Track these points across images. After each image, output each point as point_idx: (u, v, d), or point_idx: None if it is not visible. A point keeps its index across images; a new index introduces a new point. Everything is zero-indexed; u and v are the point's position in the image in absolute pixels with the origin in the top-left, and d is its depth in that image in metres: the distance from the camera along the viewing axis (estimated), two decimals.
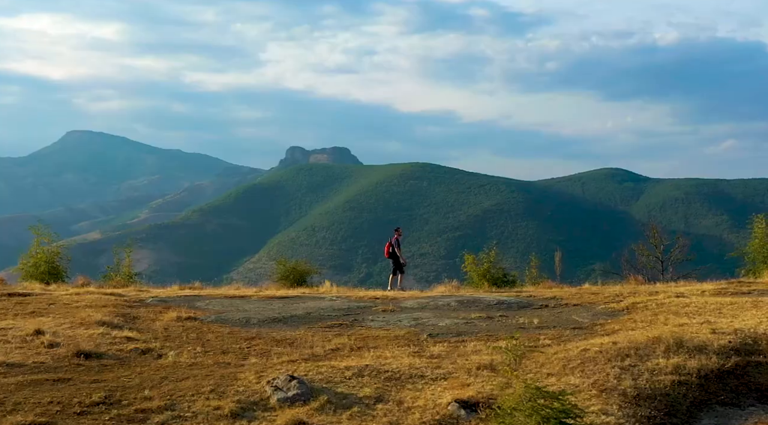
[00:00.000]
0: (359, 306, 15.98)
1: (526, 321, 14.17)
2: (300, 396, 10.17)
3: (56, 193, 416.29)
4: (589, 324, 13.84)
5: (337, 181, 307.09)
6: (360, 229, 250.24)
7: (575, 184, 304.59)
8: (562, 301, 16.27)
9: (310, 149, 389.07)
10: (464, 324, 14.12)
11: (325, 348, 12.48)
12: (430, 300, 16.45)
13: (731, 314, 13.47)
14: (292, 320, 14.61)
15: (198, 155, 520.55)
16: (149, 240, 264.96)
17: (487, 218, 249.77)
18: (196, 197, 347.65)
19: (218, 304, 16.28)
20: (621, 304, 15.31)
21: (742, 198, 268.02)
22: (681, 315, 13.63)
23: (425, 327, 13.87)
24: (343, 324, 14.20)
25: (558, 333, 13.31)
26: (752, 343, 11.68)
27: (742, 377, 10.89)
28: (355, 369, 11.11)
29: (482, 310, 15.36)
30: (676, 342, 11.50)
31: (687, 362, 10.90)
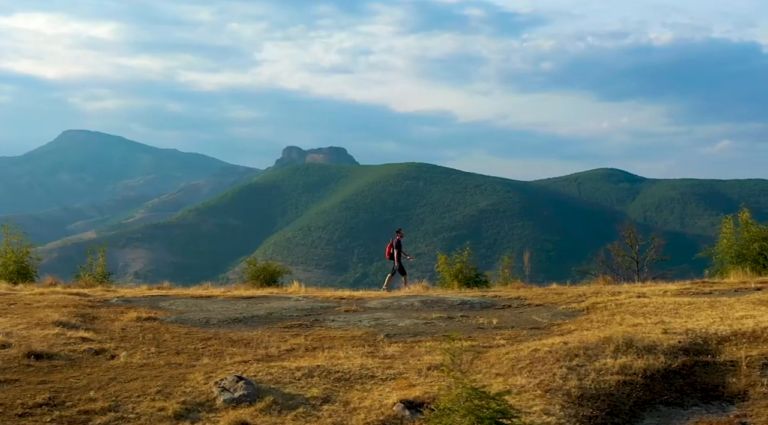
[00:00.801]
0: (323, 306, 16.01)
1: (485, 322, 14.20)
2: (246, 397, 10.19)
3: (52, 192, 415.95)
4: (547, 324, 13.88)
5: (334, 181, 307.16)
6: (356, 229, 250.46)
7: (571, 184, 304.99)
8: (525, 301, 16.31)
9: (307, 149, 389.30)
10: (423, 325, 14.15)
11: (280, 349, 12.50)
12: (394, 300, 16.49)
13: (687, 314, 13.51)
14: (253, 320, 14.64)
15: (194, 154, 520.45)
16: (145, 240, 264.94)
17: (484, 218, 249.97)
18: (192, 197, 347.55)
19: (182, 304, 16.30)
20: (582, 304, 15.35)
21: (737, 199, 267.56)
22: (637, 315, 13.67)
23: (384, 328, 13.90)
24: (303, 325, 14.23)
25: (515, 333, 13.35)
26: (702, 343, 11.71)
27: (689, 377, 10.92)
28: (306, 369, 11.13)
29: (444, 310, 15.40)
30: (626, 342, 11.54)
31: (634, 362, 10.93)
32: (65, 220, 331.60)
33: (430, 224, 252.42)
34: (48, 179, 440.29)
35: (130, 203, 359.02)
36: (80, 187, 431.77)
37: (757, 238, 21.92)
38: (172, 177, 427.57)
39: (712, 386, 10.74)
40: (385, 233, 65.51)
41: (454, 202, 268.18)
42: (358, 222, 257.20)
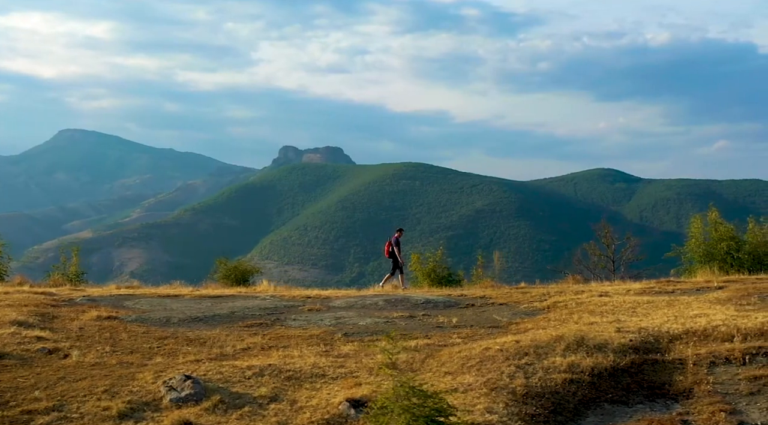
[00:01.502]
0: (287, 305, 16.03)
1: (446, 320, 14.24)
2: (193, 396, 10.22)
3: (48, 192, 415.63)
4: (506, 323, 13.92)
5: (330, 180, 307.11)
6: (352, 228, 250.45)
7: (568, 184, 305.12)
8: (489, 300, 16.34)
9: (303, 149, 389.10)
10: (384, 323, 14.18)
11: (235, 348, 12.52)
12: (358, 299, 16.51)
13: (643, 313, 13.55)
14: (214, 319, 14.65)
15: (191, 154, 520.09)
16: (141, 239, 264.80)
17: (480, 218, 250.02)
18: (188, 197, 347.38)
19: (147, 303, 16.31)
20: (543, 303, 15.39)
21: (733, 199, 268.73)
22: (595, 314, 13.71)
23: (344, 327, 13.93)
24: (264, 324, 14.25)
25: (472, 332, 13.38)
26: (653, 342, 11.75)
27: (637, 375, 10.96)
28: (257, 368, 11.16)
29: (407, 309, 15.43)
30: (577, 341, 11.58)
31: (583, 360, 10.97)
32: (61, 219, 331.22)
33: (426, 224, 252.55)
34: (44, 179, 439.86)
35: (126, 203, 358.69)
36: (76, 186, 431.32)
37: (724, 237, 21.95)
38: (168, 177, 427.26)
39: (659, 384, 10.78)
40: (382, 232, 65.04)
41: (450, 202, 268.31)
42: (354, 222, 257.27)
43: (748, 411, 9.86)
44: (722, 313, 12.66)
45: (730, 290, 15.08)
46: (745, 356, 10.98)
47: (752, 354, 11.03)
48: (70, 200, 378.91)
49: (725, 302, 13.91)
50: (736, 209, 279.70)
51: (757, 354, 11.01)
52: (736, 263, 21.26)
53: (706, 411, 9.88)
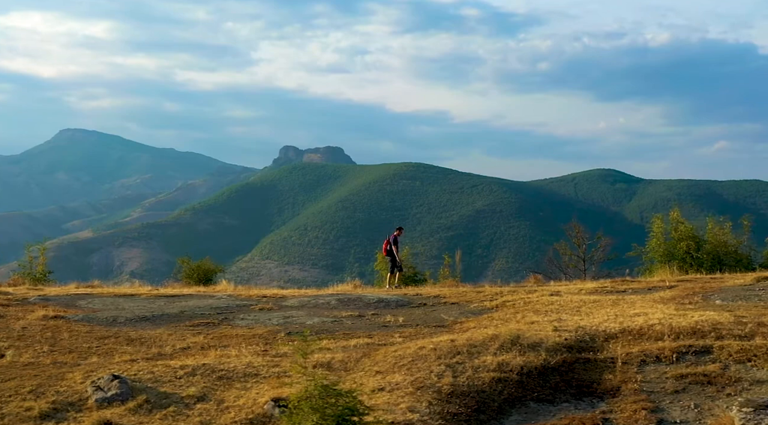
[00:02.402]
0: (240, 305, 16.05)
1: (392, 320, 14.26)
2: (119, 396, 10.21)
3: (49, 191, 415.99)
4: (451, 322, 13.93)
5: (330, 180, 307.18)
6: (353, 228, 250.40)
7: (568, 185, 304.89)
8: (443, 300, 16.35)
9: (304, 149, 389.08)
10: (330, 323, 14.19)
11: (175, 347, 12.53)
12: (312, 299, 16.53)
13: (587, 312, 13.55)
14: (162, 318, 14.67)
15: (191, 153, 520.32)
16: (141, 239, 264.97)
17: (480, 218, 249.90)
18: (188, 196, 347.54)
19: (100, 303, 16.32)
20: (493, 303, 15.41)
21: (733, 199, 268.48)
22: (540, 313, 13.71)
23: (290, 326, 13.95)
24: (211, 323, 14.26)
25: (416, 331, 13.39)
26: (589, 340, 11.76)
27: (567, 373, 10.96)
28: (191, 368, 11.16)
29: (358, 308, 15.44)
30: (512, 340, 11.58)
31: (514, 359, 10.97)
32: (62, 219, 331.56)
33: (426, 224, 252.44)
34: (45, 178, 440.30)
35: (126, 203, 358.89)
36: (77, 186, 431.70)
37: (684, 237, 21.94)
38: (168, 176, 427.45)
39: (589, 383, 10.77)
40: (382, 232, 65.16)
41: (450, 202, 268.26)
42: (354, 222, 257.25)
43: (670, 410, 9.85)
44: (661, 312, 12.66)
45: (678, 290, 15.09)
46: (675, 354, 10.98)
47: (682, 352, 11.03)
48: (70, 200, 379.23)
49: (668, 301, 13.91)
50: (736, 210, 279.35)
51: (687, 352, 11.01)
52: (695, 262, 21.25)
53: (629, 409, 9.88)
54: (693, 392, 10.18)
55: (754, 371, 10.30)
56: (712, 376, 10.34)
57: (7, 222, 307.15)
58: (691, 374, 10.46)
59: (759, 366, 10.35)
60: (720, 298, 13.93)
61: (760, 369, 10.30)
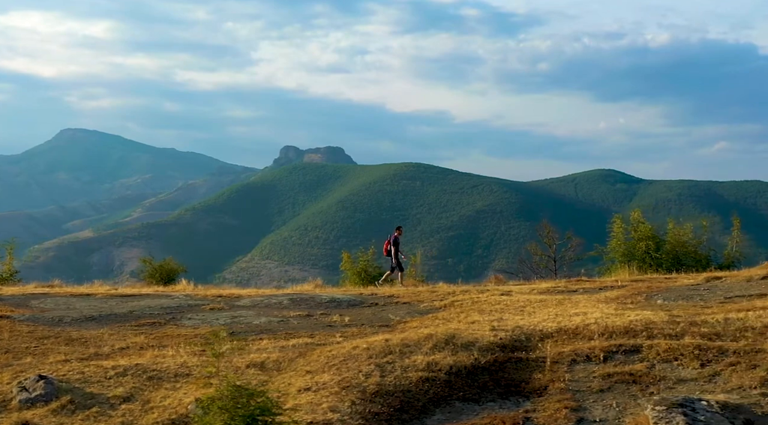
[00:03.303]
0: (192, 304, 16.08)
1: (339, 319, 14.29)
2: (43, 397, 10.22)
3: (49, 191, 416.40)
4: (395, 322, 13.96)
5: (331, 180, 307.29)
6: (353, 229, 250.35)
7: (568, 185, 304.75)
8: (395, 300, 16.37)
9: (305, 149, 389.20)
10: (276, 323, 14.22)
11: (113, 347, 12.55)
12: (265, 299, 16.55)
13: (530, 311, 13.57)
14: (109, 318, 14.69)
15: (192, 153, 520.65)
16: (141, 239, 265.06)
17: (480, 218, 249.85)
18: (189, 196, 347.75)
19: (52, 302, 16.35)
20: (443, 302, 15.42)
21: (734, 200, 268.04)
22: (483, 313, 13.73)
23: (235, 326, 13.98)
24: (157, 323, 14.29)
25: (359, 331, 13.42)
26: (524, 340, 11.77)
27: (496, 373, 10.96)
28: (122, 368, 11.19)
29: (309, 308, 15.47)
30: (447, 340, 11.60)
31: (444, 359, 10.99)
32: (62, 219, 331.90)
33: (426, 225, 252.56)
34: (45, 178, 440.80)
35: (127, 202, 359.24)
36: (77, 186, 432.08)
37: (643, 237, 21.96)
38: (169, 176, 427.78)
39: (518, 382, 10.78)
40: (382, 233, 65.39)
41: (451, 202, 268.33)
42: (354, 222, 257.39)
43: (592, 408, 9.86)
44: (600, 312, 12.67)
45: (626, 290, 15.10)
46: (604, 354, 10.98)
47: (612, 351, 11.03)
48: (70, 200, 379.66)
49: (611, 301, 13.93)
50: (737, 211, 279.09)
51: (617, 351, 11.02)
52: (654, 262, 21.26)
53: (551, 408, 9.89)
54: (617, 391, 10.18)
55: (680, 370, 10.31)
56: (637, 375, 10.34)
57: (8, 222, 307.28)
58: (618, 373, 10.46)
59: (685, 365, 10.35)
60: (663, 298, 13.94)
61: (685, 367, 10.31)
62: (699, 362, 10.29)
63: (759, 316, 11.27)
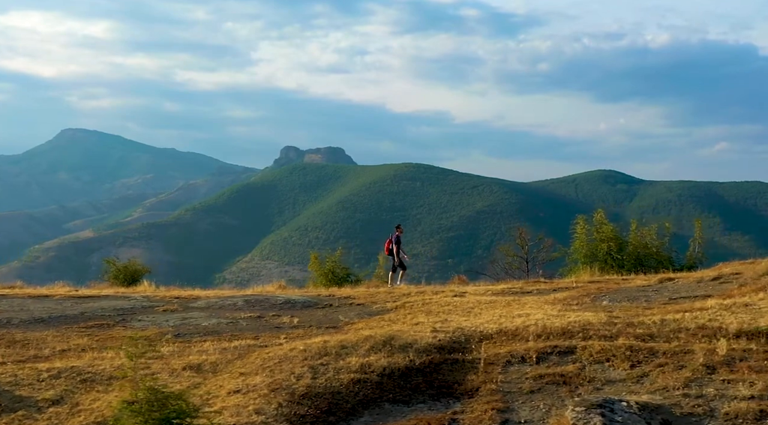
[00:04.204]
0: (147, 306, 16.04)
1: (288, 321, 14.26)
2: None
3: (50, 191, 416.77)
4: (343, 324, 13.92)
5: (331, 181, 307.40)
6: (353, 229, 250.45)
7: (568, 185, 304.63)
8: (350, 301, 16.34)
9: (305, 149, 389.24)
10: (226, 324, 14.19)
11: (54, 350, 12.51)
12: (220, 300, 16.51)
13: (476, 313, 13.53)
14: (59, 320, 14.66)
15: (192, 153, 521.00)
16: (142, 239, 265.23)
17: (480, 219, 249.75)
18: (190, 196, 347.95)
19: (6, 304, 16.29)
20: (395, 303, 15.38)
21: (734, 201, 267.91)
22: (431, 314, 13.69)
23: (182, 327, 13.95)
24: (105, 325, 14.26)
25: (305, 333, 13.39)
26: (464, 341, 11.72)
27: (430, 374, 10.91)
28: (57, 370, 11.17)
29: (262, 310, 15.43)
30: (385, 341, 11.56)
31: (378, 360, 10.95)
32: (63, 219, 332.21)
33: (427, 225, 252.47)
34: (46, 178, 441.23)
35: (127, 202, 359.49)
36: (78, 186, 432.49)
37: (605, 238, 21.92)
38: (169, 176, 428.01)
39: (451, 383, 10.73)
40: (382, 233, 65.33)
41: (451, 203, 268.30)
42: (354, 222, 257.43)
43: (520, 410, 9.81)
44: (542, 313, 12.63)
45: (577, 291, 15.06)
46: (539, 355, 10.95)
47: (547, 353, 10.99)
48: (71, 200, 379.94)
49: (559, 302, 13.89)
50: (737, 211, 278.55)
51: (552, 353, 10.98)
52: (616, 263, 21.23)
53: (479, 409, 9.84)
54: (547, 392, 10.14)
55: (610, 371, 10.27)
56: (568, 376, 10.30)
57: (8, 222, 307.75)
58: (550, 374, 10.42)
59: (615, 366, 10.32)
60: (609, 299, 13.90)
61: (615, 368, 10.27)
62: (629, 363, 10.25)
63: (695, 317, 11.23)
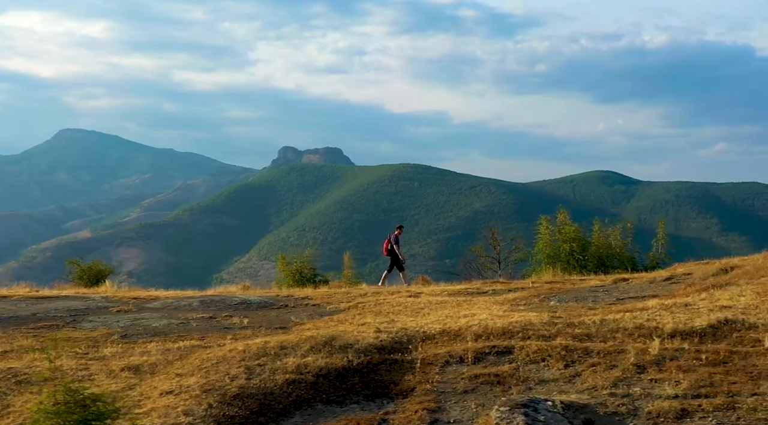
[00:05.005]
0: (102, 306, 15.94)
1: (238, 322, 14.17)
2: None
3: (48, 191, 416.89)
4: (293, 324, 13.84)
5: (329, 181, 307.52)
6: (351, 229, 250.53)
7: (566, 186, 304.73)
8: (306, 301, 16.25)
9: (303, 149, 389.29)
10: (176, 325, 14.11)
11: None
12: (176, 301, 16.42)
13: (425, 313, 13.44)
14: (9, 321, 14.54)
15: (190, 154, 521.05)
16: (140, 239, 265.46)
17: (478, 219, 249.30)
18: (188, 196, 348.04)
19: None
20: (349, 304, 15.30)
21: (732, 202, 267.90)
22: (380, 315, 13.61)
23: (132, 328, 13.86)
24: (55, 325, 14.17)
25: (252, 333, 13.31)
26: (406, 341, 11.66)
27: (368, 375, 10.85)
28: None
29: (216, 310, 15.35)
30: (326, 341, 11.50)
31: (316, 361, 10.88)
32: (61, 219, 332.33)
33: (424, 226, 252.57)
34: (44, 178, 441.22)
35: (126, 203, 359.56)
36: (76, 186, 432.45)
37: (567, 239, 21.88)
38: (168, 177, 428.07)
39: (388, 383, 10.66)
40: (380, 234, 65.35)
41: (449, 203, 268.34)
42: (352, 223, 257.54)
43: (451, 409, 9.74)
44: (488, 313, 12.55)
45: (529, 291, 14.99)
46: (477, 355, 10.88)
47: (485, 353, 10.93)
48: (70, 200, 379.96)
49: (508, 303, 13.81)
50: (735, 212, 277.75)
51: (489, 353, 10.91)
52: (578, 264, 21.18)
53: (410, 409, 9.77)
54: (480, 392, 10.08)
55: (544, 371, 10.21)
56: (503, 376, 10.24)
57: (7, 222, 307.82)
58: (485, 374, 10.35)
59: (550, 365, 10.26)
60: (558, 299, 13.82)
61: (550, 368, 10.21)
62: (564, 363, 10.19)
63: (634, 317, 11.17)
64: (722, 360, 9.39)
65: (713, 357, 9.47)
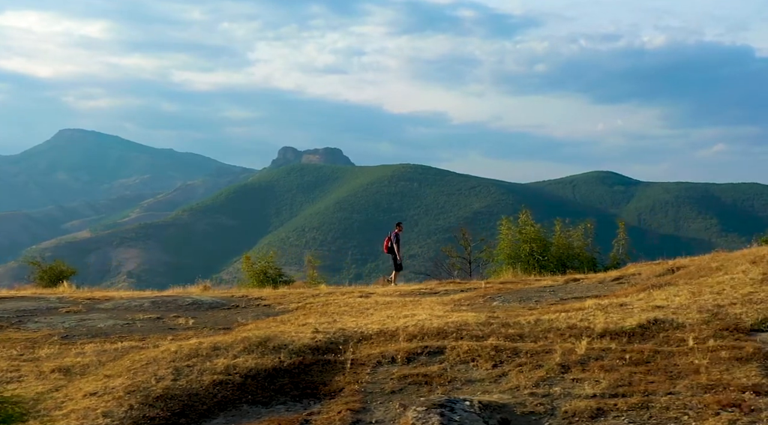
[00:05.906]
0: (53, 307, 15.81)
1: (183, 322, 14.03)
2: None
3: (48, 191, 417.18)
4: (236, 325, 13.69)
5: (328, 182, 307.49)
6: (350, 230, 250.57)
7: (566, 186, 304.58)
8: (258, 302, 16.11)
9: (303, 150, 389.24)
10: (121, 326, 13.96)
11: None
12: (128, 301, 16.28)
13: (369, 313, 13.29)
14: None
15: (190, 154, 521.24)
16: (139, 239, 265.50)
17: (477, 219, 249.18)
18: (187, 197, 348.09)
19: None
20: (298, 304, 15.16)
21: (731, 202, 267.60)
22: (324, 315, 13.46)
23: (76, 329, 13.72)
24: (0, 326, 14.05)
25: (195, 334, 13.16)
26: (342, 342, 11.52)
27: (298, 375, 10.70)
28: None
29: (165, 311, 15.21)
30: (260, 342, 11.36)
31: (245, 362, 10.74)
32: (60, 219, 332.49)
33: (424, 226, 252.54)
34: (44, 178, 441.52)
35: (125, 203, 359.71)
36: (76, 186, 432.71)
37: (528, 239, 21.75)
38: (167, 177, 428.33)
39: (318, 384, 10.51)
40: (380, 234, 65.38)
41: (448, 203, 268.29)
42: (352, 223, 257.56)
43: (375, 410, 9.59)
44: (429, 314, 12.41)
45: (477, 291, 14.85)
46: (409, 355, 10.74)
47: (417, 353, 10.78)
48: (69, 200, 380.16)
49: (452, 303, 13.66)
50: (734, 213, 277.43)
51: (422, 353, 10.77)
52: (539, 264, 21.05)
53: (334, 410, 9.63)
54: (407, 392, 9.93)
55: (473, 371, 10.06)
56: (431, 377, 10.09)
57: (7, 222, 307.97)
58: (414, 374, 10.20)
59: (479, 365, 10.11)
60: (502, 300, 13.66)
61: (479, 368, 10.07)
62: (492, 363, 10.04)
63: (569, 317, 11.01)
64: (645, 359, 9.25)
65: (637, 357, 9.33)
